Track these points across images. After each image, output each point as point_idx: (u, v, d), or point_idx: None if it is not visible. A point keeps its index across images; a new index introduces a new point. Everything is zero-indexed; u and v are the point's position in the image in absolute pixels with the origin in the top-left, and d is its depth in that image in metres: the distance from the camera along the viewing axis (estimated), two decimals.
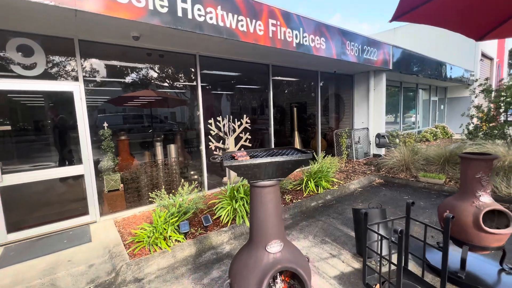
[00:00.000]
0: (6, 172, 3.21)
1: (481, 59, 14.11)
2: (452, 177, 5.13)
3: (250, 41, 4.05)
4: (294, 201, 4.38)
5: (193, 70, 4.81)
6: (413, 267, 2.54)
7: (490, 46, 15.75)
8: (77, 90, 3.60)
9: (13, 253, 3.03)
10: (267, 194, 1.55)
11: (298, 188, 4.95)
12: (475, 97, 7.03)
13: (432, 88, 13.34)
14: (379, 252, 2.09)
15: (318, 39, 5.11)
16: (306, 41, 4.88)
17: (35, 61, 3.36)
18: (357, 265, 2.66)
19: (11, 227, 3.30)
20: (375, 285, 2.17)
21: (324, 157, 5.73)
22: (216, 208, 3.77)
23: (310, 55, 5.05)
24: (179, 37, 3.81)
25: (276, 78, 6.27)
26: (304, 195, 4.63)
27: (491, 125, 6.35)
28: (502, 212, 2.31)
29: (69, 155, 3.80)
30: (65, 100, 3.61)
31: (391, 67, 7.29)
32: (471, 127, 6.75)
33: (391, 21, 2.03)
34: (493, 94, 6.64)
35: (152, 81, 4.69)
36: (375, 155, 7.82)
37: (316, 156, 6.16)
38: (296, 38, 4.71)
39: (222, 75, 5.62)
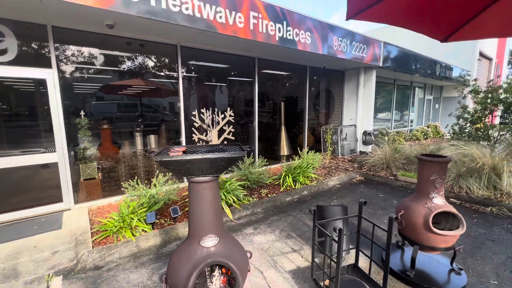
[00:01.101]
0: None
1: (478, 59, 13.97)
2: None
3: (229, 33, 4.00)
4: (269, 195, 4.42)
5: (175, 60, 4.76)
6: (366, 264, 2.60)
7: (489, 46, 15.57)
8: (51, 78, 3.58)
9: None
10: (202, 190, 1.57)
11: (277, 183, 5.00)
12: (463, 97, 7.00)
13: (427, 87, 13.26)
14: (326, 250, 2.13)
15: (303, 33, 5.05)
16: (290, 35, 4.82)
17: (6, 47, 3.33)
18: (315, 260, 2.71)
19: None
20: (325, 281, 2.22)
21: (307, 153, 5.75)
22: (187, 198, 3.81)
23: (295, 49, 5.00)
24: (155, 27, 3.76)
25: (263, 71, 6.23)
26: (281, 190, 4.68)
27: (475, 126, 6.36)
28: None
29: (43, 142, 3.80)
30: (38, 87, 3.60)
31: (381, 64, 7.23)
32: (456, 127, 6.76)
33: (347, 19, 2.01)
34: (481, 95, 6.62)
35: (133, 70, 4.65)
36: (361, 152, 7.85)
37: (299, 152, 6.19)
38: (279, 31, 4.65)
39: (206, 67, 5.57)
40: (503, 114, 6.09)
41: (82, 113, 4.03)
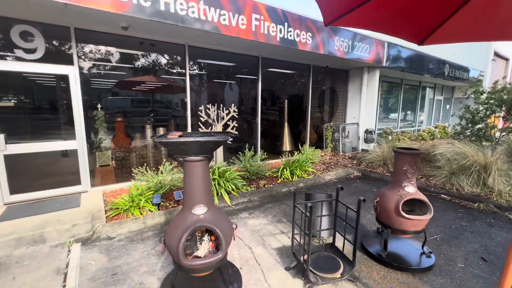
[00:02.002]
0: (9, 143, 3.72)
1: (493, 59, 13.64)
2: (425, 174, 5.33)
3: (232, 34, 4.32)
4: (266, 186, 4.74)
5: (183, 59, 5.14)
6: (348, 246, 2.87)
7: (506, 46, 15.11)
8: (72, 73, 4.03)
9: (14, 211, 3.58)
10: (194, 168, 1.91)
11: (275, 175, 5.30)
12: (466, 98, 7.02)
13: (437, 87, 13.09)
14: (302, 228, 2.42)
15: (304, 34, 5.30)
16: (291, 35, 5.08)
17: (36, 46, 3.79)
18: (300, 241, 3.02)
19: (14, 190, 3.85)
20: (304, 255, 2.52)
21: (307, 149, 6.01)
22: None
23: (296, 49, 5.26)
24: (165, 29, 4.14)
25: (266, 70, 6.52)
26: (278, 182, 4.99)
27: (477, 127, 6.40)
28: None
29: (65, 132, 4.27)
30: (62, 82, 4.06)
31: (384, 64, 7.35)
32: (458, 127, 6.80)
33: (325, 25, 2.28)
34: (484, 96, 6.64)
35: (145, 67, 5.06)
36: (363, 150, 8.00)
37: (301, 148, 6.47)
38: (281, 32, 4.93)
39: (212, 65, 5.92)
40: (505, 115, 6.10)
41: (99, 106, 4.49)
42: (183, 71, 5.20)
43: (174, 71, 5.31)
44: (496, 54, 14.18)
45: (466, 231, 3.32)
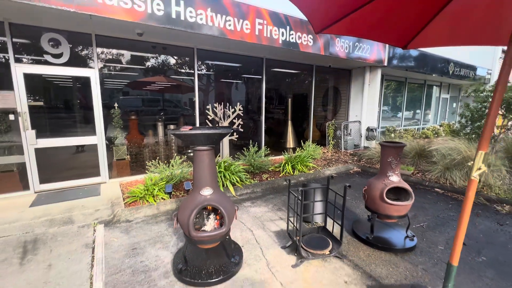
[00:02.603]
0: (39, 138, 4.19)
1: (500, 57, 13.51)
2: (421, 170, 5.55)
3: (237, 38, 4.68)
4: (269, 179, 5.08)
5: (191, 60, 5.53)
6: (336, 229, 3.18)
7: None
8: (93, 75, 4.47)
9: (44, 198, 4.05)
10: (201, 156, 2.27)
11: (277, 170, 5.64)
12: (467, 96, 7.16)
13: (443, 86, 13.10)
14: (296, 211, 2.76)
15: (306, 36, 5.60)
16: (292, 38, 5.40)
17: (62, 51, 4.25)
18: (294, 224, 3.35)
19: (43, 180, 4.32)
20: (297, 236, 2.86)
21: (309, 146, 6.32)
22: None
23: (298, 51, 5.57)
24: (175, 34, 4.52)
25: (271, 70, 6.84)
26: (280, 175, 5.32)
27: (476, 124, 6.55)
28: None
29: (86, 128, 4.73)
30: (83, 83, 4.51)
31: (386, 64, 7.55)
32: (458, 125, 6.96)
33: (316, 33, 2.60)
34: (484, 94, 6.77)
35: (157, 69, 5.48)
36: (365, 147, 8.23)
37: (303, 145, 6.78)
38: (283, 35, 5.25)
39: (219, 66, 6.30)
40: (504, 113, 6.23)
41: (115, 105, 4.92)
42: (192, 71, 5.59)
43: (183, 72, 5.70)
44: (504, 52, 14.01)
45: (452, 220, 3.57)
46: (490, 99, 6.36)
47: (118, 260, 2.60)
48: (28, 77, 4.03)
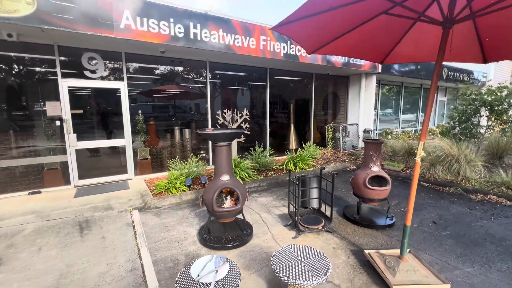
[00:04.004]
0: (78, 140, 4.97)
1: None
2: (410, 166, 6.17)
3: (244, 53, 5.43)
4: (273, 175, 5.76)
5: (204, 72, 6.30)
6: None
7: None
8: (123, 87, 5.26)
9: (83, 191, 4.80)
10: (221, 150, 2.97)
11: (281, 168, 6.31)
12: (455, 99, 7.75)
13: (440, 89, 13.65)
14: (296, 196, 3.42)
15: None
16: (292, 51, 6.13)
17: (98, 67, 5.05)
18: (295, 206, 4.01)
19: (81, 176, 5.09)
20: (296, 216, 3.52)
21: (309, 147, 7.00)
22: (213, 173, 5.29)
23: (298, 62, 6.30)
24: (191, 51, 5.29)
25: (274, 78, 7.58)
26: (283, 172, 6.00)
27: (463, 125, 7.14)
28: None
29: (116, 132, 5.50)
30: (114, 94, 5.30)
31: (380, 71, 8.22)
32: (447, 125, 7.54)
33: (308, 54, 3.30)
34: (472, 96, 7.36)
35: (174, 79, 6.25)
36: (362, 148, 8.84)
37: (304, 146, 7.45)
38: (284, 49, 5.99)
39: (228, 76, 7.05)
40: (489, 115, 6.81)
41: (139, 112, 5.70)
42: (204, 80, 6.35)
43: (197, 81, 6.47)
44: None
45: (430, 206, 4.20)
46: (476, 102, 6.98)
47: (155, 234, 3.31)
48: (70, 89, 4.83)
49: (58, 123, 4.84)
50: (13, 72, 4.50)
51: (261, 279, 2.44)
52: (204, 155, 6.79)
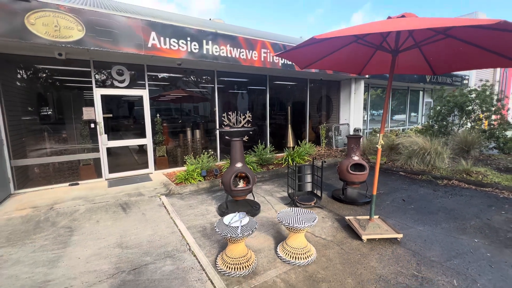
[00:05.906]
0: (109, 140, 5.85)
1: None
2: (392, 159, 7.12)
3: (247, 64, 6.36)
4: (274, 168, 6.68)
5: (212, 79, 7.23)
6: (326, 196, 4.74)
7: None
8: (145, 94, 6.17)
9: (113, 182, 5.69)
10: (236, 144, 3.89)
11: (280, 162, 7.24)
12: (433, 100, 8.75)
13: (426, 91, 14.69)
14: (293, 180, 4.34)
15: None
16: (289, 61, 7.07)
17: (124, 78, 5.95)
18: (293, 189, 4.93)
19: (110, 170, 5.97)
20: (294, 196, 4.43)
21: (305, 144, 7.93)
22: (223, 167, 6.20)
23: (294, 70, 7.25)
24: (204, 63, 6.22)
25: (273, 83, 8.52)
26: (283, 166, 6.92)
27: (439, 124, 8.12)
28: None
29: (139, 132, 6.39)
30: (138, 100, 6.20)
31: (367, 76, 9.20)
32: (421, 125, 8.52)
33: (301, 69, 4.24)
34: (447, 98, 8.37)
35: (186, 86, 7.17)
36: None
37: (300, 143, 8.38)
38: (282, 60, 6.94)
39: (233, 82, 7.99)
40: (460, 114, 7.82)
41: (158, 115, 6.60)
42: (213, 86, 7.27)
43: (206, 88, 7.39)
44: None
45: (402, 189, 5.14)
46: (450, 103, 7.97)
47: (183, 210, 4.21)
48: (102, 97, 5.72)
49: (92, 125, 5.73)
50: (57, 84, 5.39)
51: (269, 235, 3.35)
52: (212, 152, 7.69)
